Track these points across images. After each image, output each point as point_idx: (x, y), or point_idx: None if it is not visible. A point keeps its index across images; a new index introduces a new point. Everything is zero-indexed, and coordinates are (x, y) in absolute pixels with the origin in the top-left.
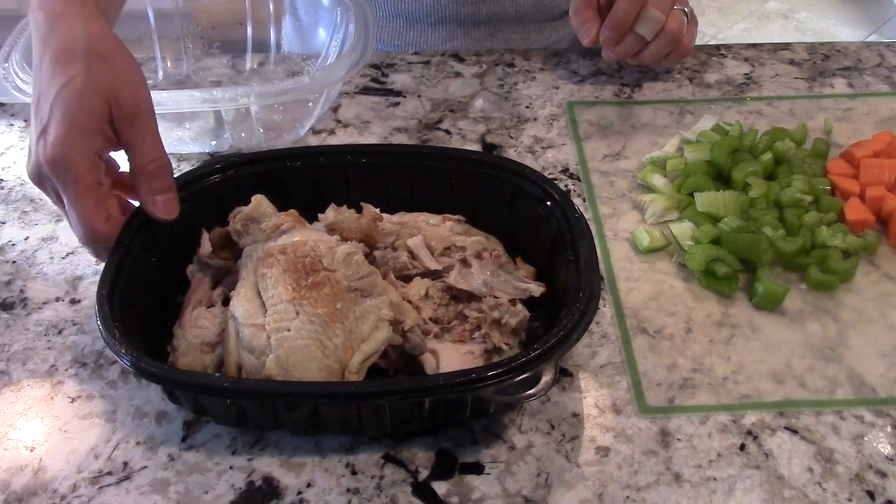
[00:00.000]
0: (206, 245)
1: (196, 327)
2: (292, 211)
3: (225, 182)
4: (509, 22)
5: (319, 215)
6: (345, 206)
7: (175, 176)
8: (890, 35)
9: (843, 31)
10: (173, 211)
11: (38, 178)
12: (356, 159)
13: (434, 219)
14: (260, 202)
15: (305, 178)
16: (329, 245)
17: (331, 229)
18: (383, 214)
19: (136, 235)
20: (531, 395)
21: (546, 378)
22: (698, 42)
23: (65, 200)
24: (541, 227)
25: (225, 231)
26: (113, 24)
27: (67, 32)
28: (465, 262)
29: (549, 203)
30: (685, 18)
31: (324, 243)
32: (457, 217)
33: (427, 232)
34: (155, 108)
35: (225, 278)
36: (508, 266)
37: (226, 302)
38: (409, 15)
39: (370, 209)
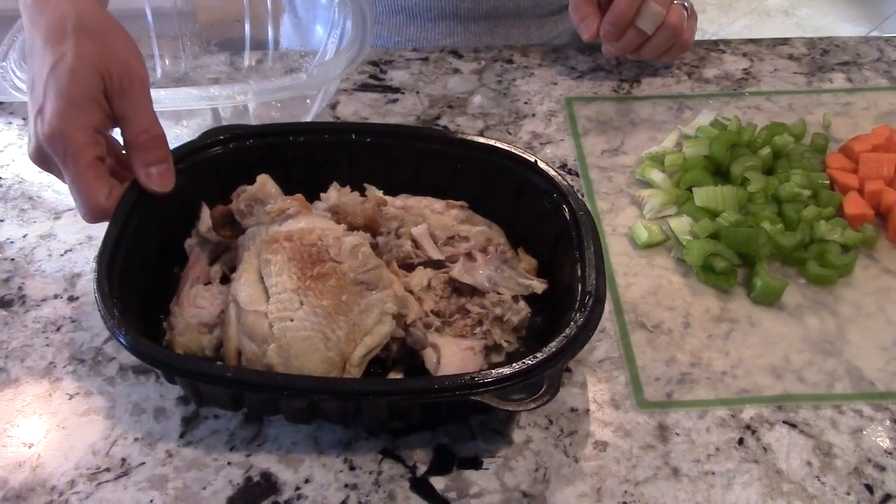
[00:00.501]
0: (205, 219)
1: (194, 307)
2: (298, 195)
3: (226, 154)
4: (509, 17)
5: (322, 195)
6: (348, 188)
7: (174, 147)
8: (891, 32)
9: (844, 27)
10: (168, 183)
11: (41, 157)
12: (361, 138)
13: (437, 204)
14: (265, 182)
15: (308, 154)
16: (336, 235)
17: (334, 211)
18: (386, 198)
19: (134, 208)
20: (536, 405)
21: (550, 385)
22: (698, 38)
23: (66, 177)
24: (546, 221)
25: (227, 209)
26: (105, 4)
27: (55, 12)
28: (469, 256)
29: (555, 196)
30: (685, 13)
31: (331, 232)
32: (460, 203)
33: (431, 220)
34: (154, 106)
35: (224, 254)
36: (513, 261)
37: (224, 279)
38: (409, 10)
39: (374, 193)
